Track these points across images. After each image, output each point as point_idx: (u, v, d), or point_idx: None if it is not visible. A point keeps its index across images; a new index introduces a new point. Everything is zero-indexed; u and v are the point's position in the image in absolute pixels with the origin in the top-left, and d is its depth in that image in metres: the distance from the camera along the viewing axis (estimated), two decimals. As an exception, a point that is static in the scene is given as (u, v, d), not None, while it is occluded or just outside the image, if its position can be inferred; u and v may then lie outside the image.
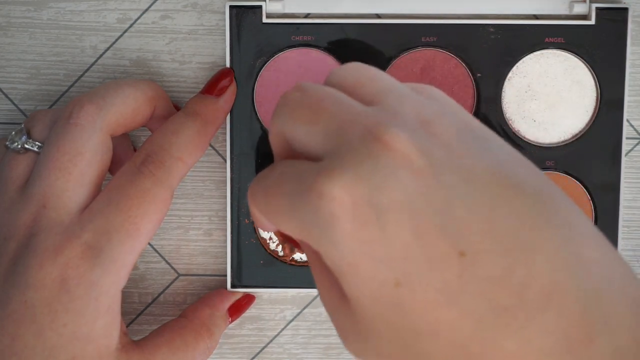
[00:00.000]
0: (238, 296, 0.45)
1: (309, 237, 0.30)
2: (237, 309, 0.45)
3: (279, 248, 0.45)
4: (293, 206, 0.30)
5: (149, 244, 0.46)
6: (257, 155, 0.44)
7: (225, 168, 0.45)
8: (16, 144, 0.39)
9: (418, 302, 0.28)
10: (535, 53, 0.44)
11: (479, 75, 0.44)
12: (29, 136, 0.40)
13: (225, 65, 0.44)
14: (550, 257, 0.28)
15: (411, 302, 0.28)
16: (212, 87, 0.42)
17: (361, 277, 0.29)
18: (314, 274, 0.33)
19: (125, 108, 0.40)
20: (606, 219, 0.44)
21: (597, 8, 0.43)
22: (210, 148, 0.46)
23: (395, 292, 0.28)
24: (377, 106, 0.30)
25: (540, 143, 0.44)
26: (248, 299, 0.45)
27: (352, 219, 0.28)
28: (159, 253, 0.46)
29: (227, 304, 0.44)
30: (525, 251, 0.27)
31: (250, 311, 0.46)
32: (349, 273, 0.29)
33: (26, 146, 0.39)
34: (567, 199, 0.30)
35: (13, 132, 0.40)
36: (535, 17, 0.44)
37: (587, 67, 0.44)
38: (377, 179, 0.28)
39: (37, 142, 0.39)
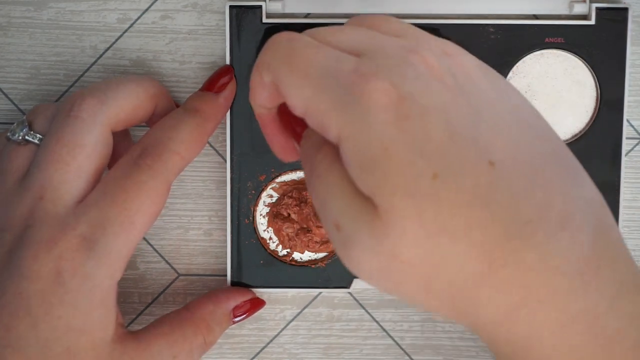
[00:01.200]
0: (246, 297, 0.44)
1: (338, 115, 0.31)
2: (243, 310, 0.44)
3: (279, 248, 0.45)
4: (331, 79, 0.32)
5: (150, 244, 0.46)
6: (257, 155, 0.44)
7: (225, 168, 0.45)
8: (17, 135, 0.39)
9: (452, 198, 0.30)
10: (535, 53, 0.44)
11: (479, 75, 0.44)
12: (30, 128, 0.40)
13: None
14: (563, 190, 0.31)
15: (447, 197, 0.30)
16: (212, 84, 0.42)
17: (397, 166, 0.30)
18: (319, 175, 0.33)
19: (127, 103, 0.40)
20: (606, 219, 0.44)
21: (597, 8, 0.43)
22: (210, 148, 0.46)
23: (432, 185, 0.30)
24: (403, 38, 0.34)
25: (540, 143, 0.44)
26: (256, 303, 0.45)
27: (396, 110, 0.30)
28: (159, 253, 0.46)
29: (233, 302, 0.44)
30: (542, 178, 0.31)
31: (250, 311, 0.46)
32: (383, 160, 0.30)
33: (27, 138, 0.39)
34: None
35: (15, 124, 0.40)
36: (535, 17, 0.44)
37: (587, 67, 0.44)
38: (420, 83, 0.31)
39: (37, 134, 0.39)
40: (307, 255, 0.45)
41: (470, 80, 0.32)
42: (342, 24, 0.43)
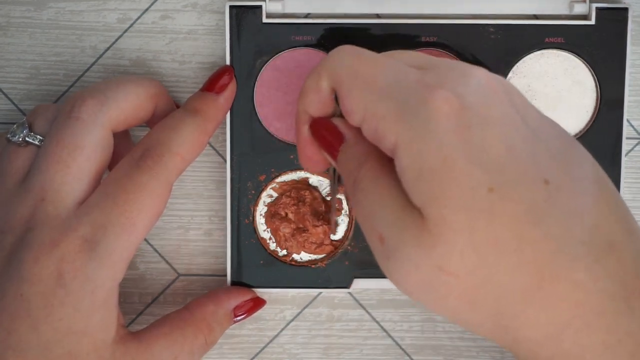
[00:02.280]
0: (246, 297, 0.44)
1: (398, 121, 0.32)
2: (244, 310, 0.44)
3: (279, 248, 0.45)
4: (395, 86, 0.32)
5: (150, 244, 0.46)
6: (257, 155, 0.44)
7: (225, 168, 0.45)
8: (17, 136, 0.39)
9: (507, 212, 0.30)
10: (535, 53, 0.44)
11: (479, 75, 0.44)
12: (31, 129, 0.40)
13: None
14: (608, 215, 0.31)
15: (500, 211, 0.30)
16: (213, 84, 0.42)
17: (453, 176, 0.30)
18: (363, 188, 0.33)
19: (127, 104, 0.40)
20: (606, 219, 0.44)
21: (597, 8, 0.43)
22: (210, 148, 0.46)
23: (487, 198, 0.30)
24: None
25: (540, 143, 0.44)
26: (256, 303, 0.45)
27: (458, 119, 0.31)
28: (159, 253, 0.46)
29: (233, 302, 0.44)
30: (590, 202, 0.31)
31: (251, 311, 0.46)
32: (440, 170, 0.30)
33: (27, 139, 0.39)
34: None
35: (15, 126, 0.40)
36: (535, 17, 0.44)
37: (587, 67, 0.44)
38: (482, 95, 0.32)
39: (38, 136, 0.39)
40: (307, 256, 0.45)
41: (522, 101, 0.33)
42: (342, 24, 0.43)
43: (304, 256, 0.45)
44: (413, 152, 0.31)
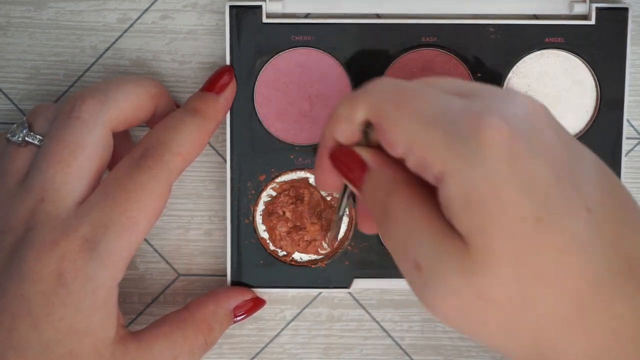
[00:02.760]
0: (247, 297, 0.44)
1: (448, 151, 0.31)
2: (244, 310, 0.44)
3: (279, 248, 0.45)
4: (442, 116, 0.32)
5: (150, 244, 0.46)
6: (257, 155, 0.44)
7: (225, 168, 0.45)
8: (17, 136, 0.39)
9: (553, 243, 0.30)
10: (535, 53, 0.44)
11: (479, 75, 0.44)
12: (31, 129, 0.40)
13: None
14: None
15: (546, 242, 0.30)
16: (213, 84, 0.42)
17: (502, 206, 0.30)
18: (397, 217, 0.33)
19: (127, 104, 0.40)
20: (606, 219, 0.44)
21: (597, 8, 0.43)
22: (210, 148, 0.46)
23: (534, 228, 0.30)
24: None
25: (540, 143, 0.44)
26: (256, 303, 0.45)
27: (508, 148, 0.31)
28: (159, 253, 0.46)
29: (233, 302, 0.44)
30: (626, 230, 0.31)
31: (251, 311, 0.46)
32: (489, 199, 0.30)
33: (27, 139, 0.39)
34: None
35: (14, 125, 0.40)
36: (535, 17, 0.44)
37: (587, 67, 0.44)
38: (529, 122, 0.32)
39: (37, 136, 0.39)
40: (307, 255, 0.45)
41: (561, 127, 0.33)
42: (342, 24, 0.43)
43: (304, 256, 0.45)
44: (462, 181, 0.31)
